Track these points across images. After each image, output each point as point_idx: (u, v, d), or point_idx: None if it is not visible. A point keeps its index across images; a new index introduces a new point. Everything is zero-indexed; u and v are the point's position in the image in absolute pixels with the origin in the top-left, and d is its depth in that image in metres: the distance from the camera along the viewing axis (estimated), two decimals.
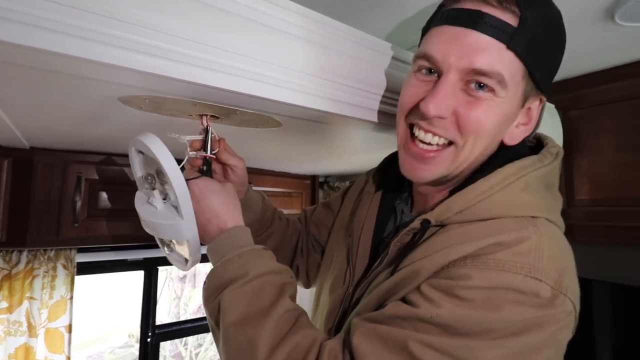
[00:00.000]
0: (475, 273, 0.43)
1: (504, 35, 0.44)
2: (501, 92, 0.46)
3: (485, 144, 0.49)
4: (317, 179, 1.78)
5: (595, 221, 1.12)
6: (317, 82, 0.60)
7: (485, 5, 0.44)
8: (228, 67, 0.51)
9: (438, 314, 0.42)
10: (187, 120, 0.70)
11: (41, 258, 1.21)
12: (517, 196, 0.48)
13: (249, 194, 0.74)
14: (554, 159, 0.52)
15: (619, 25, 0.84)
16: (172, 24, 0.47)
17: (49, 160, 1.04)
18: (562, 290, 0.43)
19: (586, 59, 1.02)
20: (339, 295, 0.60)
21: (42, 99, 0.59)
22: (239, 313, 0.47)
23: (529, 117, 0.50)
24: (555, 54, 0.48)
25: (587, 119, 1.14)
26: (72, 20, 0.40)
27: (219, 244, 0.54)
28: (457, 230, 0.48)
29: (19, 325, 1.17)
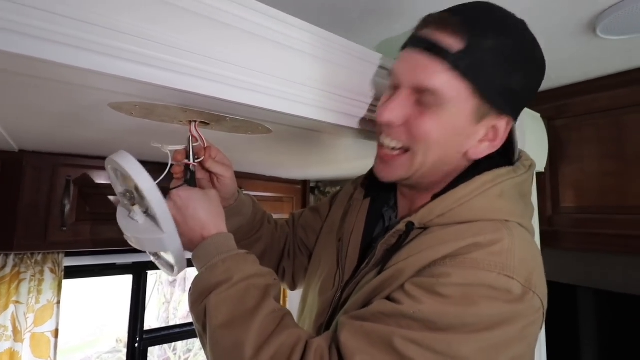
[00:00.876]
0: (454, 271, 0.46)
1: (449, 56, 0.49)
2: (445, 106, 0.50)
3: (438, 153, 0.53)
4: (308, 184, 1.79)
5: (580, 228, 1.15)
6: (306, 91, 0.61)
7: (436, 31, 0.50)
8: (218, 75, 0.52)
9: (420, 309, 0.45)
10: (177, 126, 0.70)
11: (28, 262, 1.20)
12: (493, 201, 0.53)
13: (239, 198, 0.75)
14: (527, 170, 0.57)
15: (601, 38, 0.87)
16: (163, 34, 0.48)
17: (38, 163, 1.03)
18: (531, 288, 0.47)
19: (570, 70, 1.05)
20: (329, 297, 0.63)
21: (31, 104, 0.59)
22: (225, 316, 0.49)
23: (494, 135, 0.53)
24: (516, 80, 0.50)
25: (571, 128, 1.17)
26: (64, 29, 0.41)
27: (203, 251, 0.56)
28: (439, 232, 0.52)
29: (4, 330, 1.15)
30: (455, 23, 0.49)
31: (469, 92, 0.50)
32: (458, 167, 0.57)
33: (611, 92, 1.06)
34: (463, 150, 0.54)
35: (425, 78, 0.50)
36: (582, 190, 1.15)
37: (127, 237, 0.59)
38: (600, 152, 1.11)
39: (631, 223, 1.03)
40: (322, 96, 0.63)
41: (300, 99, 0.60)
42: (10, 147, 0.96)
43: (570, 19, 0.79)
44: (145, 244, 0.56)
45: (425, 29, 0.52)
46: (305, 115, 0.62)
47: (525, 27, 0.52)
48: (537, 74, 0.52)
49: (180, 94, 0.51)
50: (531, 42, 0.51)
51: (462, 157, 0.55)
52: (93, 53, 0.42)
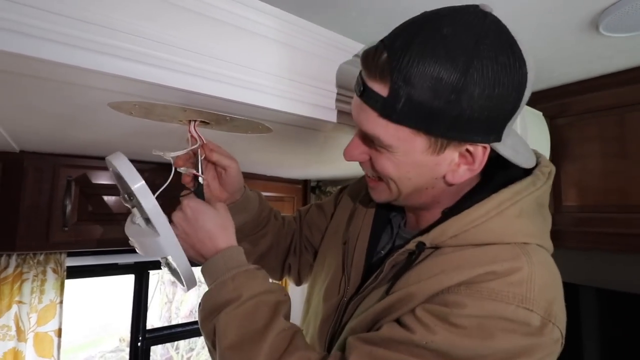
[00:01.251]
0: (469, 301, 0.45)
1: (377, 104, 0.47)
2: (394, 149, 0.49)
3: (408, 184, 0.52)
4: (309, 184, 1.79)
5: (582, 227, 1.14)
6: (304, 89, 0.62)
7: (366, 76, 0.48)
8: (217, 74, 0.52)
9: (433, 340, 0.44)
10: (176, 125, 0.70)
11: (30, 262, 1.20)
12: (511, 223, 0.50)
13: (246, 193, 0.75)
14: (546, 179, 0.54)
15: (604, 36, 0.86)
16: (161, 32, 0.48)
17: (39, 164, 1.03)
18: (551, 319, 0.45)
19: (572, 68, 1.05)
20: (334, 304, 0.62)
21: (30, 104, 0.59)
22: (234, 336, 0.49)
23: (471, 159, 0.49)
24: (464, 107, 0.44)
25: (574, 126, 1.16)
26: (61, 27, 0.41)
27: (212, 266, 0.55)
28: (452, 254, 0.50)
29: (7, 330, 1.16)
30: (379, 64, 0.45)
31: (411, 133, 0.47)
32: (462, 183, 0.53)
33: (614, 90, 1.05)
34: (438, 176, 0.51)
35: (366, 126, 0.49)
36: (584, 189, 1.14)
37: (131, 243, 0.59)
38: (602, 150, 1.10)
39: (634, 222, 1.03)
40: (321, 94, 0.64)
41: (299, 97, 0.61)
42: (11, 147, 0.96)
43: (572, 16, 0.78)
44: (146, 248, 0.56)
45: (362, 69, 0.49)
46: (304, 113, 0.62)
47: (479, 37, 0.43)
48: (496, 91, 0.44)
49: (176, 92, 0.51)
50: (477, 60, 0.43)
51: (442, 181, 0.52)
52: (90, 52, 0.42)
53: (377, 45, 0.47)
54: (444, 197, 0.55)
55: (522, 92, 0.46)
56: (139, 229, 0.57)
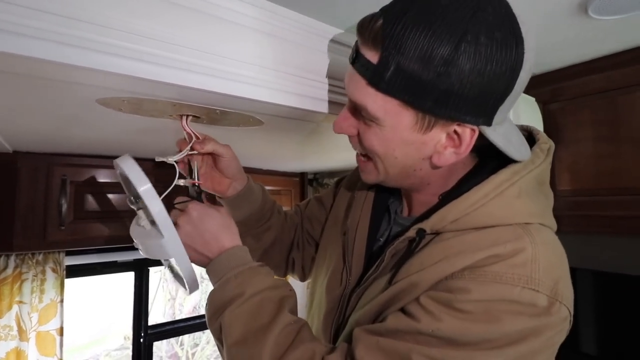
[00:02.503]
0: (474, 286, 0.44)
1: (367, 72, 0.46)
2: (381, 122, 0.48)
3: (394, 163, 0.51)
4: (306, 176, 1.79)
5: (577, 211, 1.15)
6: (292, 80, 0.62)
7: (360, 42, 0.47)
8: (204, 67, 0.52)
9: (439, 327, 0.43)
10: (168, 120, 0.70)
11: (29, 262, 1.21)
12: (511, 204, 0.49)
13: (249, 184, 0.75)
14: (545, 156, 0.52)
15: (593, 18, 0.86)
16: (145, 26, 0.48)
17: (32, 163, 1.03)
18: (557, 298, 0.45)
19: (564, 52, 1.04)
20: (336, 296, 0.61)
21: (19, 102, 0.59)
22: (239, 333, 0.49)
23: (458, 141, 0.48)
24: (454, 82, 0.42)
25: (566, 111, 1.16)
26: (44, 24, 0.41)
27: (217, 265, 0.56)
28: (453, 240, 0.49)
29: (9, 330, 1.17)
30: (372, 31, 0.45)
31: (399, 106, 0.46)
32: (456, 165, 0.52)
33: (606, 74, 1.05)
34: (424, 157, 0.50)
35: (355, 95, 0.49)
36: (578, 173, 1.15)
37: (136, 245, 0.60)
38: (595, 134, 1.10)
39: (627, 204, 1.03)
40: (307, 84, 0.64)
41: (286, 88, 0.60)
42: (4, 148, 0.96)
43: (561, 0, 0.78)
44: (151, 250, 0.57)
45: (357, 37, 0.48)
46: (292, 104, 0.62)
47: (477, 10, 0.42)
48: (488, 67, 0.42)
49: (165, 86, 0.51)
50: (471, 34, 0.41)
51: (428, 162, 0.51)
52: (70, 47, 0.42)
53: (375, 13, 0.46)
54: (434, 179, 0.54)
55: (516, 72, 0.44)
56: (143, 231, 0.58)
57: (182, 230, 0.56)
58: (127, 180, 0.55)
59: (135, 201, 0.57)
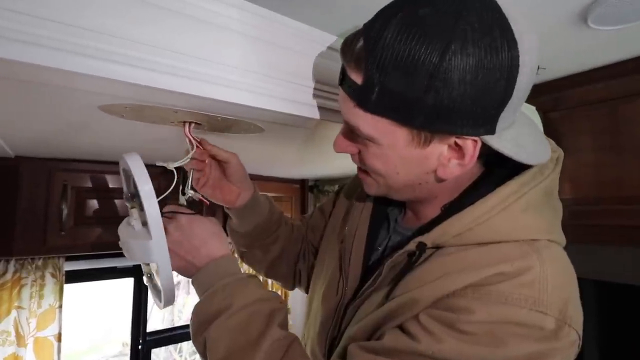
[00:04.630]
0: (478, 306, 0.42)
1: (354, 93, 0.45)
2: (377, 141, 0.46)
3: (397, 179, 0.50)
4: (306, 183, 1.79)
5: (578, 220, 1.14)
6: (285, 86, 0.62)
7: (345, 63, 0.46)
8: (199, 73, 0.53)
9: (440, 349, 0.41)
10: (169, 127, 0.71)
11: (29, 267, 1.21)
12: (517, 219, 0.46)
13: (255, 195, 0.74)
14: (554, 166, 0.50)
15: (593, 29, 0.86)
16: (142, 33, 0.48)
17: (34, 168, 1.04)
18: (566, 321, 0.42)
19: (564, 61, 1.05)
20: (332, 307, 0.60)
21: (22, 108, 0.59)
22: (224, 349, 0.46)
23: (462, 153, 0.46)
24: (445, 95, 0.40)
25: (567, 120, 1.16)
26: (44, 31, 0.42)
27: (203, 276, 0.54)
28: (455, 255, 0.47)
29: (7, 335, 1.16)
30: (355, 52, 0.44)
31: (391, 125, 0.44)
32: (462, 176, 0.49)
33: (606, 83, 1.05)
34: (429, 170, 0.48)
35: (347, 116, 0.48)
36: (579, 182, 1.15)
37: (121, 244, 0.58)
38: (596, 143, 1.10)
39: (629, 213, 1.03)
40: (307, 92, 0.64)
41: (287, 96, 0.61)
42: (6, 153, 0.97)
43: (561, 10, 0.78)
44: (135, 251, 0.55)
45: (341, 58, 0.47)
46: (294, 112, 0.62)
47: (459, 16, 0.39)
48: (480, 77, 0.39)
49: (167, 94, 0.52)
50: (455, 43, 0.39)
51: (433, 177, 0.49)
52: (72, 54, 0.42)
53: (357, 31, 0.45)
54: (442, 192, 0.52)
55: (513, 77, 0.40)
56: (132, 231, 0.57)
57: (170, 236, 0.55)
58: (129, 177, 0.55)
59: (132, 199, 0.56)
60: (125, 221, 0.60)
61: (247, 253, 0.81)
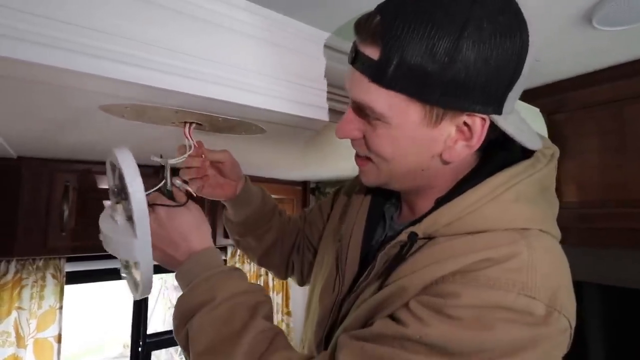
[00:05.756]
0: (465, 290, 0.41)
1: (369, 69, 0.45)
2: (388, 120, 0.46)
3: (402, 163, 0.49)
4: (308, 185, 1.79)
5: (583, 223, 1.13)
6: (293, 88, 0.62)
7: (359, 41, 0.46)
8: (201, 73, 0.52)
9: (427, 333, 0.41)
10: (170, 127, 0.70)
11: (30, 268, 1.21)
12: (507, 208, 0.46)
13: (246, 186, 0.75)
14: (548, 161, 0.50)
15: (597, 29, 0.85)
16: (146, 32, 0.48)
17: (36, 169, 1.04)
18: (556, 307, 0.42)
19: (568, 63, 1.04)
20: (328, 305, 0.59)
21: (22, 108, 0.59)
22: (207, 341, 0.46)
23: (469, 134, 0.46)
24: (458, 70, 0.42)
25: (572, 122, 1.15)
26: (44, 30, 0.41)
27: (186, 269, 0.53)
28: (445, 244, 0.47)
29: (7, 336, 1.16)
30: (371, 27, 0.44)
31: (405, 101, 0.44)
32: (460, 166, 0.50)
33: (611, 84, 1.04)
34: (434, 154, 0.48)
35: (358, 94, 0.47)
36: (584, 184, 1.13)
37: (101, 236, 0.56)
38: (601, 145, 1.09)
39: (635, 216, 1.02)
40: (309, 92, 0.63)
41: (287, 96, 0.60)
42: (8, 153, 0.97)
43: (565, 11, 0.78)
44: (117, 247, 0.54)
45: (355, 36, 0.48)
46: (295, 112, 0.61)
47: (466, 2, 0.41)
48: (494, 53, 0.41)
49: (165, 93, 0.51)
50: (473, 21, 0.41)
51: (438, 161, 0.49)
52: (69, 52, 0.42)
53: (371, 11, 0.46)
54: (440, 181, 0.52)
55: (523, 56, 0.43)
56: (115, 225, 0.55)
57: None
58: (117, 172, 0.54)
59: (118, 194, 0.55)
60: (108, 213, 0.58)
61: (242, 241, 0.83)
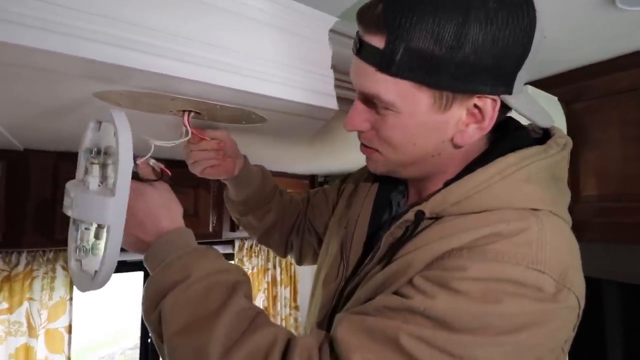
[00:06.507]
0: (472, 264, 0.40)
1: (375, 58, 0.44)
2: (397, 108, 0.45)
3: (412, 150, 0.48)
4: (316, 179, 1.77)
5: (603, 217, 1.07)
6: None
7: (363, 31, 0.46)
8: (195, 57, 0.51)
9: (431, 305, 0.39)
10: (170, 117, 0.69)
11: (40, 259, 1.23)
12: (518, 187, 0.45)
13: (246, 166, 0.75)
14: (560, 149, 0.49)
15: (621, 10, 0.80)
16: (138, 14, 0.46)
17: (42, 162, 1.05)
18: (566, 284, 0.40)
19: (589, 48, 0.98)
20: (332, 290, 0.58)
21: (18, 97, 0.59)
22: (183, 321, 0.43)
23: (480, 116, 0.45)
24: (466, 53, 0.41)
25: (593, 110, 1.09)
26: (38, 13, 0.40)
27: (156, 250, 0.49)
28: (453, 221, 0.46)
29: (19, 326, 1.18)
30: (374, 16, 0.43)
31: (414, 88, 0.44)
32: (471, 150, 0.50)
33: (634, 71, 0.98)
34: (445, 139, 0.48)
35: (365, 85, 0.46)
36: (604, 176, 1.08)
37: (65, 201, 0.52)
38: (623, 135, 1.03)
39: None
40: (309, 77, 0.61)
41: (287, 81, 0.58)
42: (15, 146, 0.98)
43: None
44: (84, 206, 0.49)
45: (358, 26, 0.47)
46: (293, 98, 0.59)
47: None
48: (502, 33, 0.41)
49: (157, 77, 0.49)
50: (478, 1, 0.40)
51: (449, 144, 0.48)
52: (58, 34, 0.41)
53: (372, 0, 0.45)
54: (450, 166, 0.51)
55: (531, 34, 0.42)
56: (83, 186, 0.51)
57: None
58: (104, 132, 0.51)
59: (97, 154, 0.51)
60: (77, 180, 0.54)
61: (242, 219, 0.83)
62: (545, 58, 1.08)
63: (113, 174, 0.49)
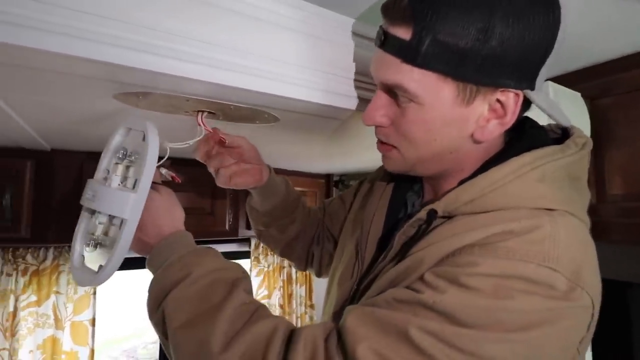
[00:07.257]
0: (483, 260, 0.40)
1: (401, 50, 0.44)
2: (421, 100, 0.45)
3: (432, 146, 0.48)
4: (331, 178, 1.76)
5: (630, 218, 1.02)
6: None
7: (388, 23, 0.46)
8: (211, 59, 0.52)
9: (441, 299, 0.39)
10: (184, 116, 0.71)
11: (66, 255, 1.28)
12: (532, 187, 0.45)
13: (271, 177, 0.75)
14: (579, 149, 0.48)
15: None
16: (156, 18, 0.48)
17: (68, 161, 1.09)
18: (579, 283, 0.40)
19: (614, 41, 0.94)
20: (347, 288, 0.59)
21: (45, 100, 0.61)
22: (185, 316, 0.45)
23: (502, 111, 0.46)
24: (492, 45, 0.41)
25: (619, 106, 1.04)
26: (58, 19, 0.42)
27: (157, 253, 0.52)
28: (465, 219, 0.46)
29: (46, 318, 1.24)
30: (401, 8, 0.44)
31: (439, 80, 0.44)
32: (488, 148, 0.50)
33: None
34: (465, 135, 0.47)
35: (389, 76, 0.46)
36: (631, 175, 1.03)
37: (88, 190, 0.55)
38: None
39: None
40: (323, 78, 0.61)
41: (300, 82, 0.59)
42: (42, 146, 1.02)
43: None
44: (105, 198, 0.52)
45: (383, 20, 0.47)
46: (305, 98, 0.59)
47: None
48: (527, 29, 0.41)
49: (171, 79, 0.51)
50: None
51: (469, 141, 0.48)
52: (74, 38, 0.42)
53: None
54: (467, 163, 0.50)
55: (555, 31, 0.43)
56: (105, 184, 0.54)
57: None
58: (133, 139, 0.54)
59: (122, 156, 0.55)
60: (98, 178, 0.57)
61: (265, 232, 0.82)
62: (569, 53, 1.03)
63: (133, 175, 0.52)
